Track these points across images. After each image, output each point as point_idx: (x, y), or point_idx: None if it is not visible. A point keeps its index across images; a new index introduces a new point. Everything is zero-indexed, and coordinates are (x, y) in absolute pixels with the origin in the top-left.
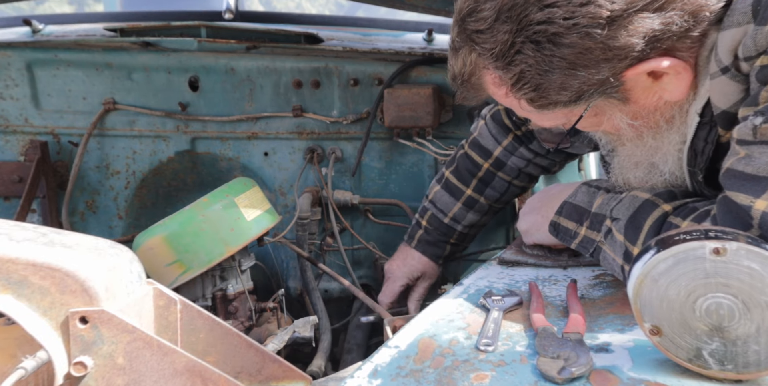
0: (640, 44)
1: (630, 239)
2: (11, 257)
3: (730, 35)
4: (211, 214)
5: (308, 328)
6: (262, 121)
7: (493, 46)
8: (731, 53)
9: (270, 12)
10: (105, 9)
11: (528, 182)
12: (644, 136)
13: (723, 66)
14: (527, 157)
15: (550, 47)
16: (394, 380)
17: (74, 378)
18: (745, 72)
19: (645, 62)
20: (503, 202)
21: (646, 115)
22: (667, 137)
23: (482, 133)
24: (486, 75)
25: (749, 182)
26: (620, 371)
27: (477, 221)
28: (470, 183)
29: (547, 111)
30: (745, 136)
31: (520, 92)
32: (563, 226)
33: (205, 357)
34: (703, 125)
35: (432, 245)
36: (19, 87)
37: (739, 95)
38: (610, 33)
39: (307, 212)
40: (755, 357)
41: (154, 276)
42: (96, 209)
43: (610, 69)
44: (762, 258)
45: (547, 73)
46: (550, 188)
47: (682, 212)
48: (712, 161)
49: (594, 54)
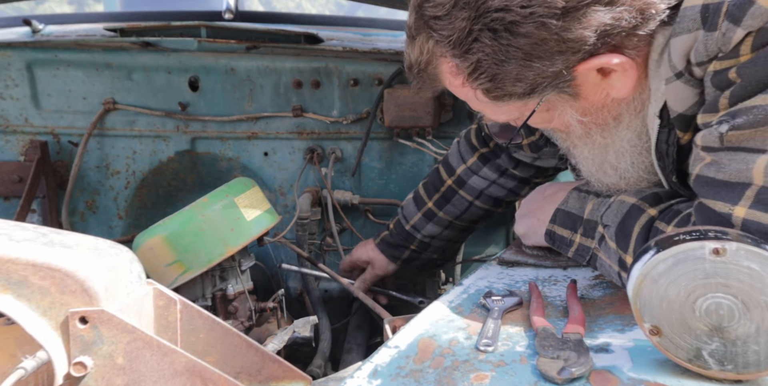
0: (592, 37)
1: (621, 247)
2: (11, 257)
3: (682, 41)
4: (211, 214)
5: (308, 328)
6: (262, 121)
7: (450, 33)
8: (684, 58)
9: (270, 12)
10: (105, 9)
11: (492, 205)
12: (593, 133)
13: (677, 71)
14: (490, 177)
15: (506, 36)
16: (394, 380)
17: (74, 378)
18: (698, 77)
19: (596, 57)
20: (465, 220)
21: (594, 111)
22: (617, 134)
23: (452, 150)
24: (443, 64)
25: (723, 189)
26: (620, 371)
27: (438, 234)
28: (433, 197)
29: (501, 103)
30: (710, 143)
31: (477, 82)
32: (558, 234)
33: (205, 357)
34: (662, 127)
35: (391, 247)
36: (19, 87)
37: (694, 99)
38: (564, 24)
39: (307, 212)
40: (755, 357)
41: (154, 276)
42: (96, 209)
43: (563, 62)
44: (762, 258)
45: (504, 63)
46: (544, 189)
47: (667, 216)
48: (678, 162)
49: (549, 45)
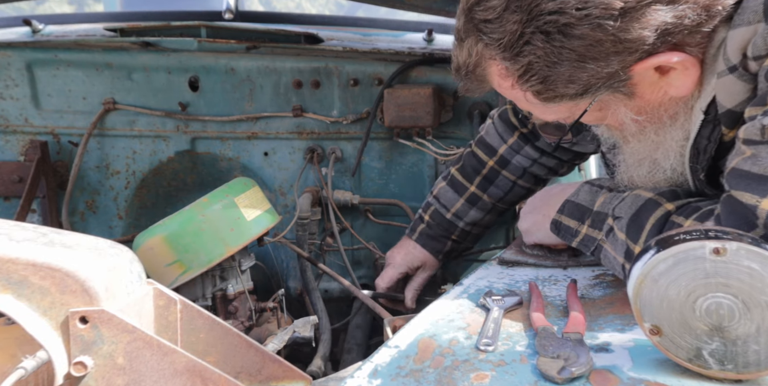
0: (651, 37)
1: (632, 238)
2: (11, 257)
3: (740, 34)
4: (211, 214)
5: (308, 328)
6: (262, 121)
7: (501, 37)
8: (740, 52)
9: (270, 12)
10: (105, 9)
11: (534, 183)
12: (647, 131)
13: (731, 65)
14: (533, 156)
15: (560, 38)
16: (394, 380)
17: (74, 378)
18: (753, 71)
19: (655, 56)
20: (507, 202)
21: (650, 110)
22: (670, 133)
23: (489, 131)
24: (492, 66)
25: (755, 181)
26: (620, 371)
27: (480, 219)
28: (474, 180)
29: (552, 104)
30: (752, 136)
31: (527, 84)
32: (564, 224)
33: (205, 357)
34: (706, 123)
35: (433, 240)
36: (19, 87)
37: (745, 94)
38: (622, 25)
39: (307, 212)
40: (755, 357)
41: (154, 276)
42: (96, 209)
43: (619, 62)
44: (762, 258)
45: (556, 66)
46: (552, 188)
47: (685, 211)
48: (714, 159)
49: (605, 46)
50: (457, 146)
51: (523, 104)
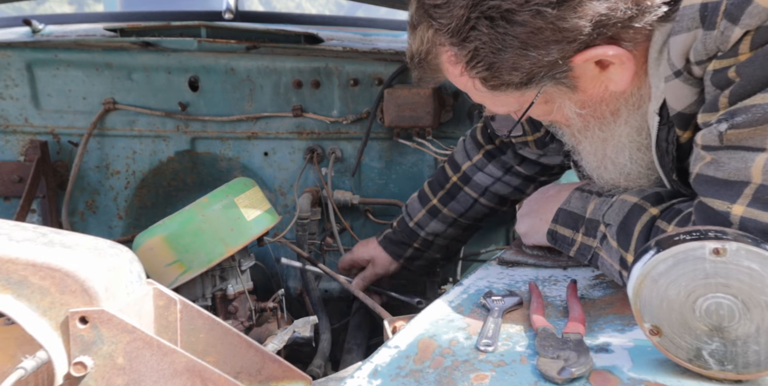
0: (587, 27)
1: (622, 246)
2: (11, 257)
3: (681, 40)
4: (211, 214)
5: (308, 328)
6: (262, 121)
7: (449, 22)
8: (683, 57)
9: (270, 12)
10: (105, 9)
11: (497, 203)
12: (591, 126)
13: (676, 69)
14: (495, 174)
15: (503, 24)
16: (394, 380)
17: (74, 378)
18: (697, 75)
19: (592, 48)
20: (470, 218)
21: (592, 105)
22: (615, 129)
23: (458, 148)
24: (442, 53)
25: (722, 187)
26: (620, 371)
27: (441, 231)
28: (437, 193)
29: (499, 93)
30: (710, 142)
31: (474, 70)
32: (560, 234)
33: (205, 357)
34: (662, 125)
35: (393, 244)
36: (19, 87)
37: (693, 97)
38: (559, 13)
39: (307, 212)
40: (755, 357)
41: (154, 276)
42: (96, 209)
43: (559, 51)
44: (762, 258)
45: (500, 52)
46: (547, 189)
47: (668, 215)
48: (678, 160)
49: (544, 34)
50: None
51: (474, 94)
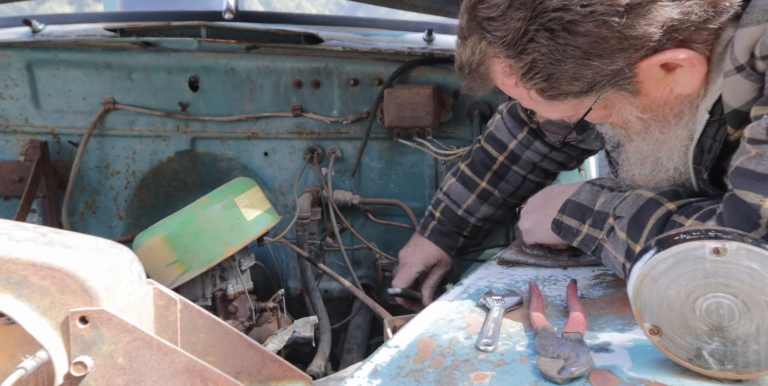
0: (657, 34)
1: (632, 237)
2: (11, 257)
3: (748, 33)
4: (211, 214)
5: (308, 328)
6: (262, 121)
7: (505, 34)
8: (748, 51)
9: (270, 12)
10: (105, 9)
11: (544, 177)
12: (652, 129)
13: (738, 64)
14: (542, 151)
15: (564, 35)
16: (394, 380)
17: (74, 378)
18: (760, 71)
19: (661, 53)
20: (518, 196)
21: (655, 108)
22: (675, 132)
23: (498, 127)
24: (495, 64)
25: (759, 181)
26: (620, 371)
27: (491, 215)
28: (485, 176)
29: (556, 102)
30: (757, 135)
31: (531, 82)
32: (566, 224)
33: (205, 357)
34: (712, 122)
35: (445, 236)
36: (19, 87)
37: (752, 94)
38: (627, 21)
39: (307, 212)
40: (755, 356)
41: (154, 276)
42: (96, 209)
43: (624, 59)
44: (762, 258)
45: (560, 63)
46: (553, 188)
47: (687, 210)
48: (718, 159)
49: (610, 43)
50: (457, 146)
51: (527, 103)
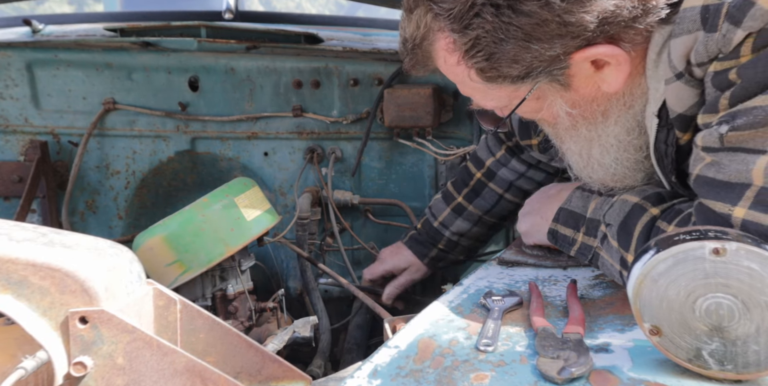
0: (592, 24)
1: (623, 246)
2: (11, 257)
3: (682, 42)
4: (211, 214)
5: (308, 328)
6: (262, 121)
7: (452, 6)
8: (684, 59)
9: (270, 12)
10: (105, 9)
11: (522, 198)
12: (579, 126)
13: (677, 72)
14: (519, 170)
15: (509, 13)
16: (394, 380)
17: (74, 378)
18: (698, 77)
19: (593, 47)
20: (495, 215)
21: (583, 104)
22: (603, 130)
23: (480, 145)
24: (440, 39)
25: (723, 189)
26: (620, 371)
27: (466, 230)
28: (462, 191)
29: (494, 85)
30: (710, 143)
31: (473, 60)
32: (561, 233)
33: (205, 357)
34: (661, 127)
35: (419, 244)
36: (19, 87)
37: (694, 99)
38: (567, 6)
39: (307, 212)
40: (755, 357)
41: (154, 276)
42: (96, 209)
43: (561, 46)
44: (762, 258)
45: (502, 43)
46: (549, 189)
47: (669, 215)
48: (677, 162)
49: (550, 27)
50: (457, 146)
51: (466, 86)
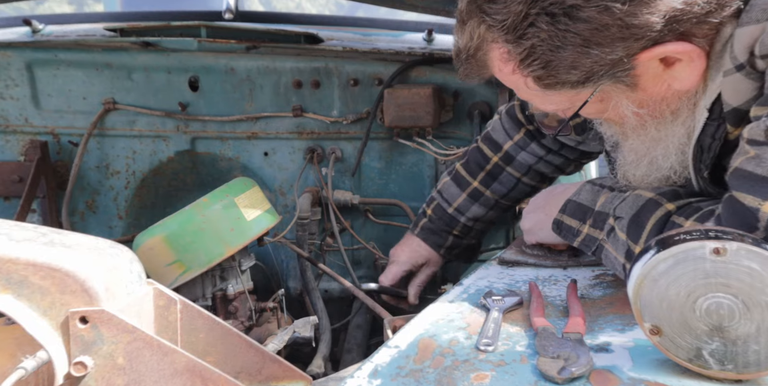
0: (659, 24)
1: (632, 238)
2: (11, 257)
3: (748, 32)
4: (211, 214)
5: (308, 328)
6: (262, 121)
7: (505, 18)
8: (748, 50)
9: (270, 12)
10: (105, 9)
11: (539, 181)
12: (647, 126)
13: (738, 63)
14: (538, 154)
15: (565, 21)
16: (394, 380)
17: (74, 378)
18: (760, 69)
19: (661, 45)
20: (511, 198)
21: (652, 104)
22: (671, 130)
23: (495, 127)
24: (494, 49)
25: (759, 183)
26: (620, 371)
27: (482, 215)
28: (477, 175)
29: (552, 91)
30: (756, 136)
31: (529, 69)
32: (566, 224)
33: (205, 357)
34: (711, 120)
35: (434, 234)
36: (19, 87)
37: (752, 93)
38: (630, 9)
39: (307, 212)
40: (755, 357)
41: (154, 276)
42: (96, 209)
43: (624, 49)
44: (762, 258)
45: (559, 50)
46: (555, 188)
47: (686, 211)
48: (718, 157)
49: (610, 31)
50: (457, 146)
51: (524, 92)
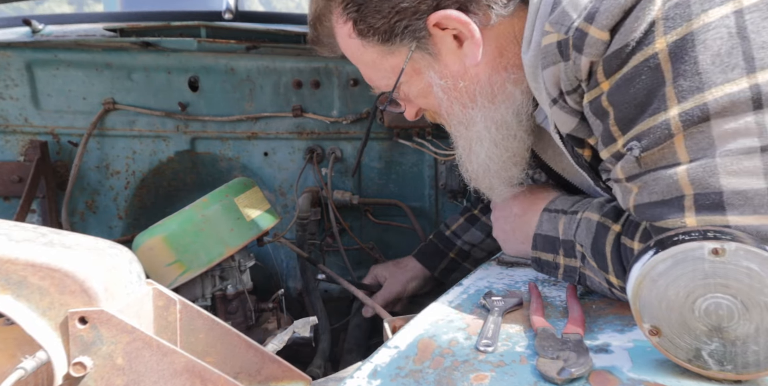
0: None
1: (602, 268)
2: (10, 258)
3: (550, 72)
4: (211, 214)
5: (308, 328)
6: (262, 121)
7: None
8: (556, 87)
9: (270, 12)
10: (105, 9)
11: None
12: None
13: (553, 98)
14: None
15: None
16: (394, 380)
17: (73, 378)
18: (571, 105)
19: (444, 10)
20: None
21: (452, 78)
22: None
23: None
24: (335, 14)
25: (665, 207)
26: (620, 371)
27: (480, 241)
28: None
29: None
30: (631, 171)
31: (347, 12)
32: (544, 260)
33: (204, 358)
34: (565, 143)
35: (429, 257)
36: (19, 87)
37: (574, 122)
38: None
39: (307, 212)
40: (754, 357)
41: (154, 276)
42: (96, 209)
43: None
44: (761, 259)
45: None
46: (510, 207)
47: (629, 230)
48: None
49: None
50: None
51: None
